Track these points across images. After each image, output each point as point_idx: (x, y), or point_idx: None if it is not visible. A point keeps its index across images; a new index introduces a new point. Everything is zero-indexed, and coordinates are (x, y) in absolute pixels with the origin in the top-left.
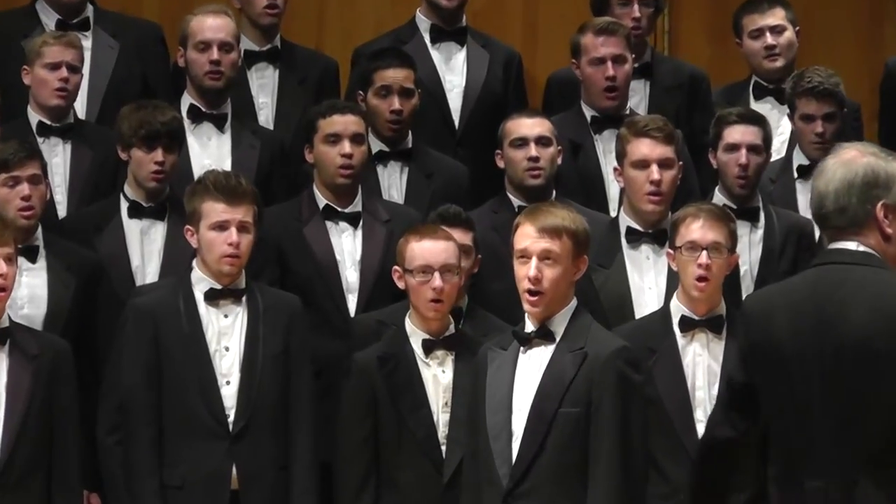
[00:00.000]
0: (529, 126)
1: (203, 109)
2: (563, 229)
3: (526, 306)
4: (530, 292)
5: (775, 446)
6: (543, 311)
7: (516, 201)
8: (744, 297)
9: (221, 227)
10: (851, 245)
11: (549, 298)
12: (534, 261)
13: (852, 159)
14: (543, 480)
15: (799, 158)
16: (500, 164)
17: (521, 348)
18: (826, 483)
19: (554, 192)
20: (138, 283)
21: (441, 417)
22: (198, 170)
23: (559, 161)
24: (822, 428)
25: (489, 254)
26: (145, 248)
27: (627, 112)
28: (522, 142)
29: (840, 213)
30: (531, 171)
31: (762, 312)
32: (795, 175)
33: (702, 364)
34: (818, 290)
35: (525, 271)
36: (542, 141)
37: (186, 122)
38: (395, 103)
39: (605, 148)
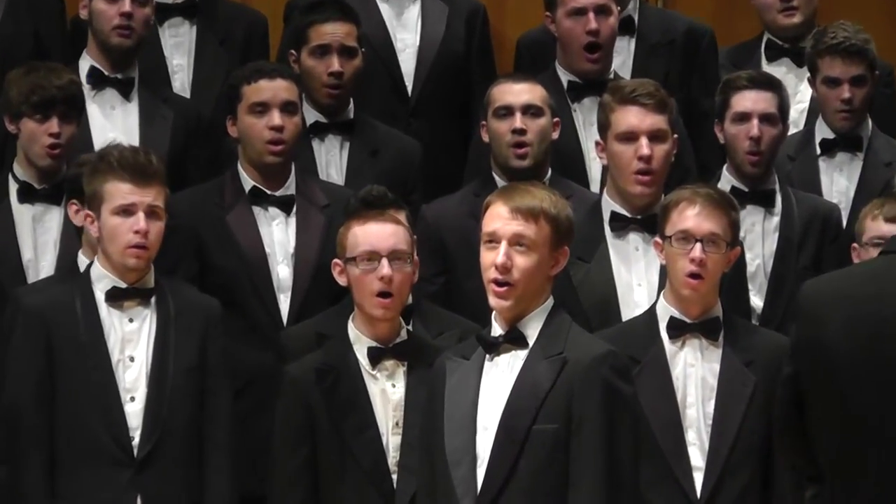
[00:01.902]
0: (516, 92)
1: (106, 73)
2: (540, 212)
3: (492, 300)
4: (497, 282)
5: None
6: (513, 307)
7: (502, 183)
8: (752, 298)
9: (127, 211)
10: None
11: (520, 292)
12: (503, 246)
13: None
14: None
15: (822, 131)
16: (485, 137)
17: (488, 356)
18: None
19: (549, 172)
20: (31, 279)
21: (391, 441)
22: (100, 145)
23: (555, 135)
24: (873, 449)
25: (465, 245)
26: (38, 237)
27: (612, 76)
28: (506, 111)
29: None
30: (516, 149)
31: (816, 304)
32: (818, 151)
33: (694, 376)
34: (881, 284)
35: (492, 258)
36: (530, 110)
37: (86, 88)
38: (335, 64)
39: (584, 119)
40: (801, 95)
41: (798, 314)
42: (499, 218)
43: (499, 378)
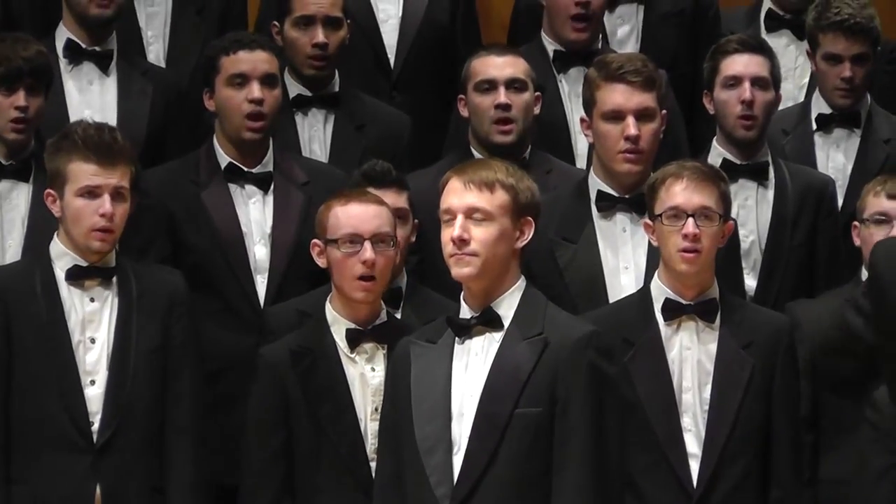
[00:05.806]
0: (499, 66)
1: (83, 46)
2: (495, 181)
3: (453, 270)
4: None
5: None
6: (477, 277)
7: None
8: (746, 278)
9: (92, 193)
10: None
11: (482, 262)
12: (459, 219)
13: None
14: (495, 500)
15: (819, 106)
16: (464, 111)
17: (458, 339)
18: None
19: (529, 148)
20: None
21: (370, 427)
22: None
23: (537, 110)
24: None
25: (437, 224)
26: (5, 216)
27: (599, 46)
28: (490, 85)
29: None
30: (499, 124)
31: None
32: (814, 126)
33: (690, 360)
34: None
35: (450, 233)
36: (514, 85)
37: (63, 63)
38: (319, 35)
39: (570, 90)
40: (800, 69)
41: (873, 277)
42: (454, 193)
43: (472, 362)
